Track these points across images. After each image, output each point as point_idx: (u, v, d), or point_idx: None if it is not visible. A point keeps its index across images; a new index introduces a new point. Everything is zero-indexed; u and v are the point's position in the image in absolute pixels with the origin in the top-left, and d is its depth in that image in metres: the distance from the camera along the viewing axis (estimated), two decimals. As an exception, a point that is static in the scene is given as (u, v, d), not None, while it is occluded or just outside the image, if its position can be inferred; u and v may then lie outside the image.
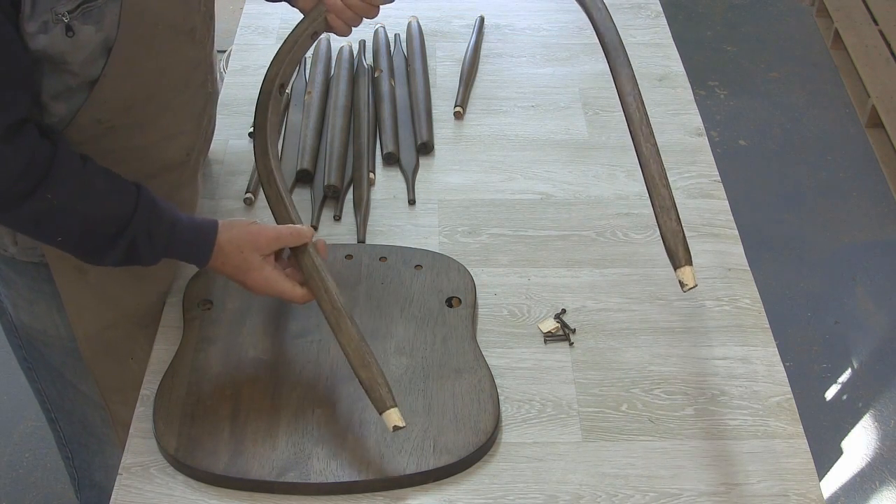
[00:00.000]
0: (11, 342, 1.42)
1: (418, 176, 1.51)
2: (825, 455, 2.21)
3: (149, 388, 1.20)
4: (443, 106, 1.65)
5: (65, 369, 1.39)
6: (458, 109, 1.63)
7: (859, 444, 2.24)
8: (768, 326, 1.29)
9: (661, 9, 1.89)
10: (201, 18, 1.22)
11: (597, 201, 1.47)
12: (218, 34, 1.35)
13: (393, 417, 1.07)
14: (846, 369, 2.40)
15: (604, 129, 1.60)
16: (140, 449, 1.14)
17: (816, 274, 2.64)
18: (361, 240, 1.39)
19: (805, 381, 2.35)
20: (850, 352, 2.44)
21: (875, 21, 3.22)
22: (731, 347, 1.26)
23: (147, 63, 1.13)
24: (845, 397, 2.35)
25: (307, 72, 1.68)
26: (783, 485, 1.11)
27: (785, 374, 1.23)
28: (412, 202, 1.47)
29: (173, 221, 1.14)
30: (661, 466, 1.13)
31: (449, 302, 1.28)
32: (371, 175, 1.49)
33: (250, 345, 1.23)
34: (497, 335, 1.28)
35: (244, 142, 1.57)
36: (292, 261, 1.20)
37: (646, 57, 1.76)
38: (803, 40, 3.50)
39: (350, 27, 1.32)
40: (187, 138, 1.28)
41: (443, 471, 1.10)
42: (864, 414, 2.30)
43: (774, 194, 2.88)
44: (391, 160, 1.53)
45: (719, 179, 1.51)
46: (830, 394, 2.35)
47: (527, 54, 1.77)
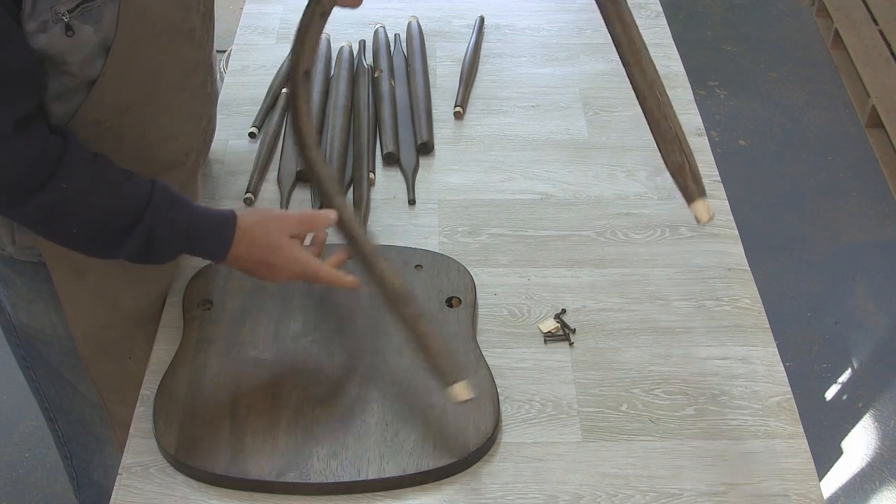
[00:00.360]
0: (10, 342, 1.42)
1: (418, 176, 1.51)
2: (825, 455, 2.21)
3: (149, 388, 1.20)
4: (443, 106, 1.65)
5: (63, 369, 1.39)
6: (458, 109, 1.63)
7: (859, 444, 2.24)
8: (768, 326, 1.29)
9: (661, 9, 1.89)
10: (200, 19, 1.22)
11: (597, 201, 1.47)
12: (218, 34, 1.35)
13: (461, 391, 1.08)
14: (846, 369, 2.40)
15: (604, 129, 1.60)
16: (140, 449, 1.14)
17: (816, 274, 2.64)
18: (361, 240, 1.39)
19: (805, 381, 2.35)
20: (850, 352, 2.44)
21: (875, 21, 3.22)
22: (731, 347, 1.26)
23: (146, 63, 1.13)
24: (845, 397, 2.34)
25: (307, 72, 1.68)
26: (783, 485, 1.11)
27: (785, 374, 1.23)
28: (412, 202, 1.47)
29: (192, 211, 1.14)
30: (661, 466, 1.13)
31: (449, 302, 1.28)
32: (371, 175, 1.49)
33: (250, 345, 1.23)
34: (497, 335, 1.27)
35: (244, 142, 1.56)
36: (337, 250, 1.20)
37: (646, 57, 1.76)
38: (803, 40, 3.50)
39: None
40: (187, 139, 1.28)
41: (443, 471, 1.10)
42: (864, 414, 2.30)
43: (774, 194, 2.88)
44: (391, 160, 1.53)
45: (719, 179, 1.51)
46: (830, 394, 2.35)
47: (527, 54, 1.77)
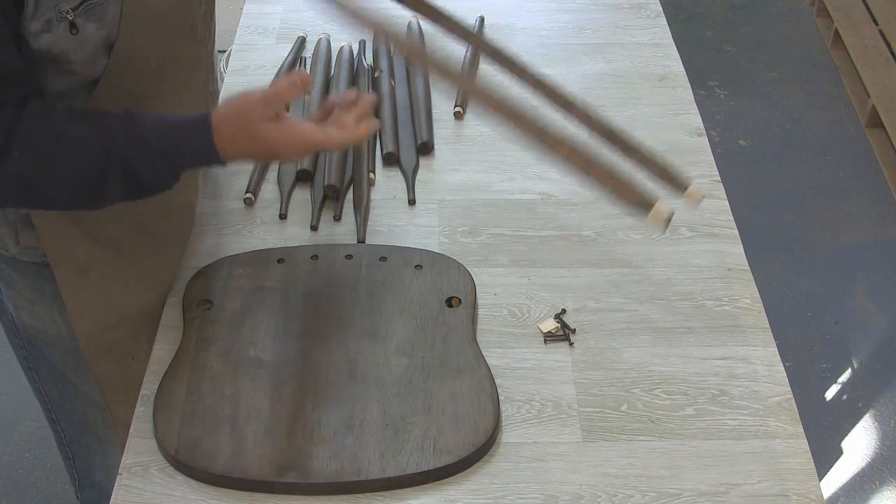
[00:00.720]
0: (12, 342, 1.42)
1: (418, 176, 1.51)
2: (825, 455, 2.21)
3: (149, 388, 1.20)
4: (443, 106, 1.65)
5: (66, 369, 1.39)
6: (458, 109, 1.63)
7: (859, 444, 2.24)
8: (768, 326, 1.29)
9: (661, 9, 1.89)
10: (202, 17, 1.22)
11: (597, 201, 1.47)
12: (218, 34, 1.35)
13: (662, 210, 1.01)
14: (846, 369, 2.40)
15: (604, 129, 1.60)
16: (140, 449, 1.14)
17: (816, 274, 2.64)
18: (361, 240, 1.39)
19: (805, 381, 2.35)
20: (850, 352, 2.44)
21: (875, 21, 3.22)
22: (731, 347, 1.26)
23: (148, 61, 1.13)
24: (845, 397, 2.34)
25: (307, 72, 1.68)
26: (783, 485, 1.11)
27: (785, 374, 1.23)
28: (412, 202, 1.47)
29: (157, 128, 1.08)
30: (661, 466, 1.13)
31: (449, 302, 1.28)
32: (371, 175, 1.49)
33: (250, 345, 1.23)
34: (497, 335, 1.28)
35: (244, 142, 1.56)
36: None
37: (646, 57, 1.76)
38: (803, 40, 3.50)
39: None
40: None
41: (443, 471, 1.10)
42: (864, 414, 2.30)
43: (774, 194, 2.88)
44: (391, 160, 1.53)
45: (719, 179, 1.51)
46: (830, 394, 2.35)
47: (527, 54, 1.77)
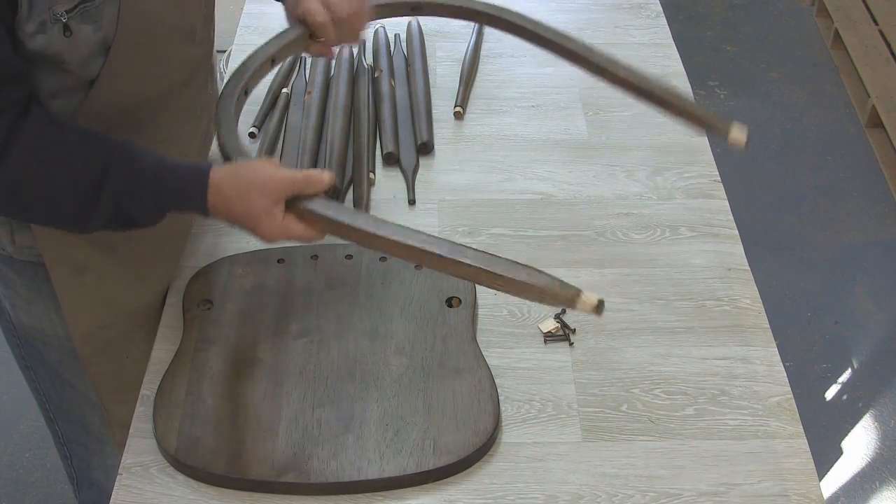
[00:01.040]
0: (10, 342, 1.42)
1: (418, 176, 1.51)
2: (825, 455, 2.21)
3: (149, 388, 1.20)
4: (443, 106, 1.65)
5: (63, 369, 1.39)
6: (458, 109, 1.63)
7: (859, 444, 2.24)
8: (768, 326, 1.29)
9: (661, 9, 1.89)
10: (201, 19, 1.22)
11: (597, 201, 1.47)
12: (218, 34, 1.35)
13: (589, 298, 0.99)
14: (846, 369, 2.40)
15: (604, 129, 1.60)
16: (140, 449, 1.14)
17: (816, 274, 2.64)
18: (361, 240, 1.39)
19: (805, 381, 2.35)
20: (850, 352, 2.44)
21: (875, 21, 3.22)
22: (731, 347, 1.26)
23: (146, 63, 1.13)
24: (845, 397, 2.34)
25: (307, 72, 1.68)
26: (783, 485, 1.11)
27: (785, 374, 1.23)
28: (412, 202, 1.46)
29: (157, 166, 1.07)
30: (661, 466, 1.13)
31: (449, 302, 1.28)
32: (371, 175, 1.49)
33: (250, 345, 1.22)
34: (497, 335, 1.27)
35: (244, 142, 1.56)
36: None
37: (646, 57, 1.76)
38: (803, 40, 3.50)
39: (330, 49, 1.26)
40: (187, 139, 1.28)
41: (443, 471, 1.10)
42: (864, 414, 2.30)
43: (774, 194, 2.88)
44: (391, 160, 1.53)
45: (719, 179, 1.51)
46: (830, 394, 2.35)
47: (527, 54, 1.77)
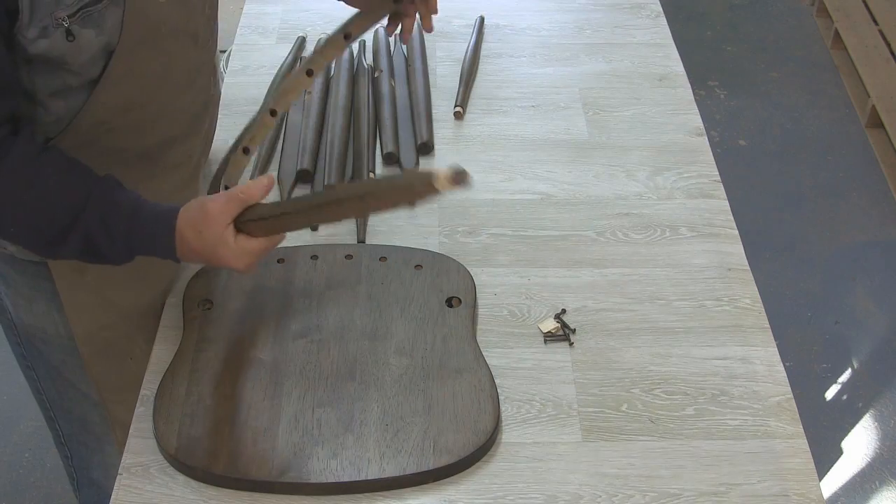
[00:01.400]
0: (10, 341, 1.42)
1: (418, 176, 1.51)
2: (825, 455, 2.21)
3: (149, 388, 1.20)
4: (443, 106, 1.65)
5: (64, 368, 1.39)
6: (458, 109, 1.63)
7: (859, 444, 2.24)
8: (768, 326, 1.29)
9: (661, 9, 1.89)
10: (205, 22, 1.22)
11: (597, 201, 1.47)
12: (218, 34, 1.35)
13: (443, 171, 0.95)
14: (846, 369, 2.40)
15: (604, 129, 1.60)
16: (140, 449, 1.14)
17: (816, 274, 2.64)
18: (361, 240, 1.39)
19: (805, 381, 2.35)
20: (850, 352, 2.44)
21: (875, 21, 3.22)
22: (731, 347, 1.26)
23: (149, 66, 1.13)
24: (845, 397, 2.34)
25: (307, 72, 1.68)
26: (783, 485, 1.11)
27: (785, 374, 1.23)
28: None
29: (133, 212, 1.07)
30: (661, 466, 1.13)
31: (449, 302, 1.28)
32: (371, 175, 1.49)
33: (250, 345, 1.23)
34: (497, 335, 1.27)
35: (244, 142, 1.56)
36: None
37: (646, 57, 1.76)
38: (803, 40, 3.50)
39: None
40: (190, 141, 1.28)
41: (443, 471, 1.10)
42: (864, 414, 2.30)
43: (774, 194, 2.88)
44: (391, 160, 1.53)
45: (719, 179, 1.51)
46: (830, 394, 2.35)
47: (527, 54, 1.77)
